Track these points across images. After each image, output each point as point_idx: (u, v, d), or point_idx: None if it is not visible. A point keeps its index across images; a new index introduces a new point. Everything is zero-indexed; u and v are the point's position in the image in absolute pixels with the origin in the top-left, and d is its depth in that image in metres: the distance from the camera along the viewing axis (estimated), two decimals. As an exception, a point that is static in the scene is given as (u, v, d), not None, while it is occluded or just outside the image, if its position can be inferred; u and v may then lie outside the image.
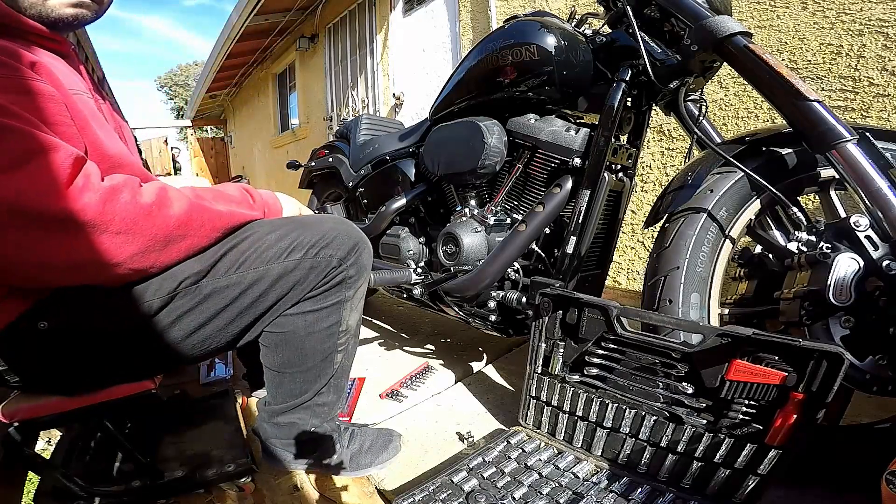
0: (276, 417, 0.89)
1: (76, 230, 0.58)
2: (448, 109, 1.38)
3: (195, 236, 0.70)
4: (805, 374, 0.70)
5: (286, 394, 0.87)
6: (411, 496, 0.79)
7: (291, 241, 0.77)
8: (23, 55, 0.63)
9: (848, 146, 0.78)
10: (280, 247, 0.76)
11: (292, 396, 0.87)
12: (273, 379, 0.87)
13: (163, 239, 0.65)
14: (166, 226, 0.65)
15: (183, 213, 0.67)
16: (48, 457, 1.12)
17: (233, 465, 0.93)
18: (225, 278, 0.74)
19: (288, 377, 0.85)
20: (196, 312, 0.73)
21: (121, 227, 0.61)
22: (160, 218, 0.64)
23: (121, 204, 0.61)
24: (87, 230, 0.58)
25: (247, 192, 0.83)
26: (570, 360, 0.95)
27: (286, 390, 0.87)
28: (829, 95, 1.59)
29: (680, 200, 0.95)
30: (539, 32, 1.12)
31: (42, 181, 0.56)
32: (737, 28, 0.87)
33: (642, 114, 1.15)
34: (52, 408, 0.75)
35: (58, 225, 0.57)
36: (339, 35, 4.58)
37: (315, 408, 0.88)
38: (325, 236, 0.79)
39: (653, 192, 2.07)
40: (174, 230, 0.66)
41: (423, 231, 1.53)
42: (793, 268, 0.88)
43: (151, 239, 0.64)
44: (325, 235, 0.79)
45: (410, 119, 3.62)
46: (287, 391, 0.87)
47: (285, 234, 0.78)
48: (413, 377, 1.37)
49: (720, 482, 0.76)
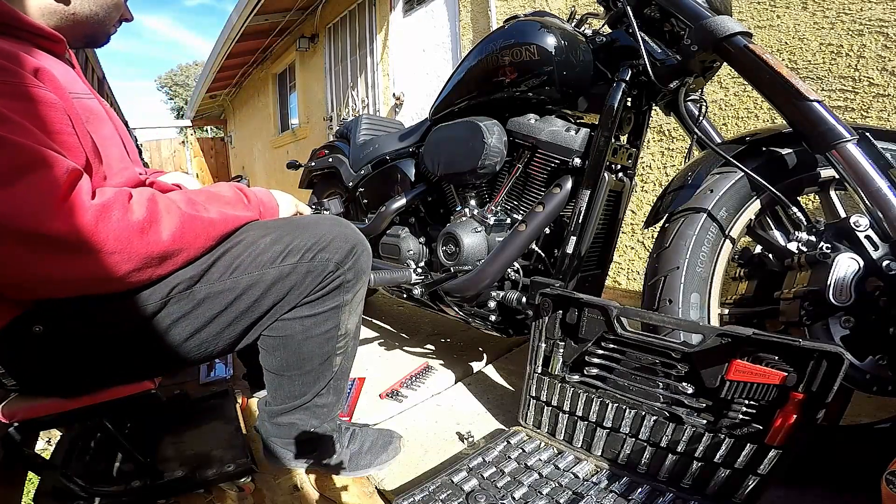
0: (277, 417, 0.89)
1: (70, 250, 0.57)
2: (448, 109, 1.38)
3: (190, 248, 0.69)
4: (805, 374, 0.70)
5: (285, 395, 0.87)
6: (411, 496, 0.79)
7: (286, 244, 0.76)
8: (25, 60, 0.62)
9: (848, 146, 0.78)
10: (275, 251, 0.75)
11: (292, 398, 0.87)
12: (272, 381, 0.87)
13: (157, 256, 0.65)
14: (159, 243, 0.64)
15: (176, 230, 0.66)
16: (48, 457, 1.12)
17: (233, 465, 0.93)
18: (219, 283, 0.73)
19: (287, 379, 0.85)
20: (191, 317, 0.72)
21: (114, 248, 0.60)
22: (153, 235, 0.63)
23: (112, 223, 0.60)
24: (81, 250, 0.58)
25: (241, 192, 0.82)
26: (570, 360, 0.95)
27: (285, 392, 0.87)
28: (828, 95, 1.59)
29: (680, 200, 0.95)
30: (539, 32, 1.12)
31: (35, 199, 0.54)
32: (737, 28, 0.87)
33: (642, 114, 1.15)
34: (52, 408, 0.75)
35: (51, 244, 0.56)
36: (339, 35, 4.58)
37: (315, 409, 0.88)
38: (322, 239, 0.77)
39: (653, 192, 2.07)
40: (169, 247, 0.65)
41: (423, 231, 1.53)
42: (793, 268, 0.88)
43: (146, 257, 0.63)
44: (322, 238, 0.77)
45: (410, 119, 3.62)
46: (286, 393, 0.87)
47: (280, 238, 0.76)
48: (413, 377, 1.37)
49: (720, 482, 0.76)
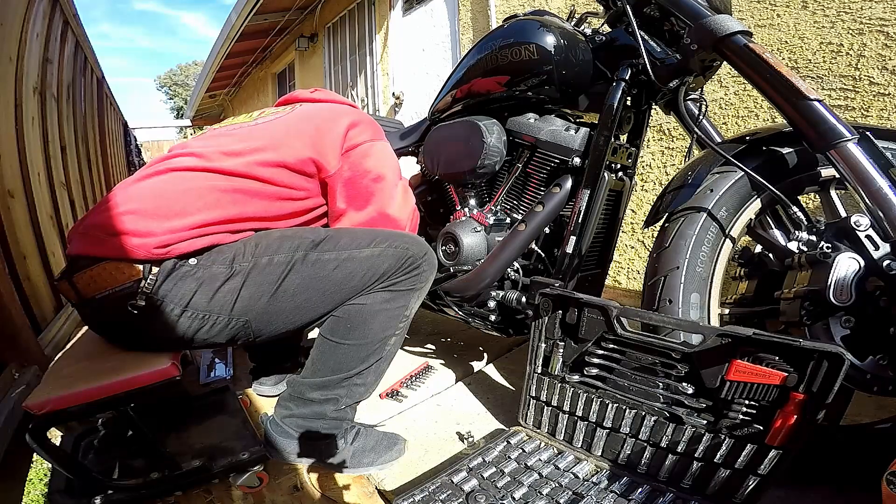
0: (311, 392, 0.93)
1: None
2: (447, 109, 1.38)
3: None
4: (805, 374, 0.70)
5: (334, 366, 0.92)
6: (411, 496, 0.79)
7: (376, 233, 0.94)
8: None
9: (848, 145, 0.78)
10: (368, 236, 0.92)
11: (338, 370, 0.91)
12: (325, 350, 0.92)
13: None
14: None
15: None
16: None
17: (247, 454, 0.94)
18: (327, 254, 0.89)
19: (343, 349, 0.91)
20: (303, 276, 0.87)
21: None
22: None
23: None
24: None
25: None
26: (570, 360, 0.95)
27: (335, 363, 0.91)
28: (829, 94, 1.58)
29: (680, 200, 0.95)
30: (539, 31, 1.11)
31: None
32: (736, 27, 0.87)
33: (642, 113, 1.14)
34: (79, 398, 0.76)
35: None
36: (339, 34, 4.57)
37: (352, 387, 0.93)
38: (402, 234, 0.97)
39: (653, 191, 2.07)
40: None
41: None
42: (793, 267, 0.87)
43: None
44: (401, 236, 0.96)
45: (410, 118, 3.61)
46: (336, 364, 0.91)
47: (369, 229, 0.98)
48: (413, 377, 1.37)
49: (720, 482, 0.76)
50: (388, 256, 0.91)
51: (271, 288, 0.86)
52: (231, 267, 0.85)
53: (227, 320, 0.86)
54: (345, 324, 0.91)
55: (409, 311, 0.96)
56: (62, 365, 0.89)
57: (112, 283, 0.81)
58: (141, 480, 0.86)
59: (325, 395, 0.92)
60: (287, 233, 0.93)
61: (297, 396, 0.95)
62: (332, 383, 0.92)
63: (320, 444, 0.95)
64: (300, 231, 0.94)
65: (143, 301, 0.81)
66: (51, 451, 0.77)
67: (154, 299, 0.81)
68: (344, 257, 0.89)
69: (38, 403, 0.74)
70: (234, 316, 0.86)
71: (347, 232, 0.95)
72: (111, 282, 0.81)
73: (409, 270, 0.93)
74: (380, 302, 0.91)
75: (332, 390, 0.92)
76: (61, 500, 0.83)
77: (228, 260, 0.85)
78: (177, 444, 0.99)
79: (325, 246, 0.90)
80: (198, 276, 0.83)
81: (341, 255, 0.89)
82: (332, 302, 0.90)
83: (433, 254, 0.98)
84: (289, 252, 0.88)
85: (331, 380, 0.92)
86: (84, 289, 0.83)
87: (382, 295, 0.92)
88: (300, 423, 0.94)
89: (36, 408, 0.74)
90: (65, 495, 0.83)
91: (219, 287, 0.84)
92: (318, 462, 0.96)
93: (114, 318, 0.85)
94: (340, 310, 0.91)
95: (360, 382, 0.94)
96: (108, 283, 0.82)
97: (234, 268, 0.85)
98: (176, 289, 0.82)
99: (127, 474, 0.89)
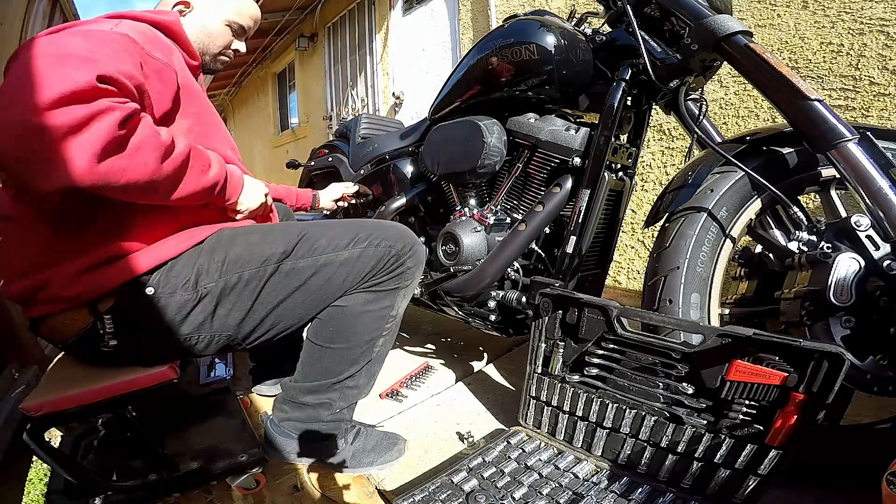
0: (303, 396, 0.91)
1: None
2: (448, 109, 1.38)
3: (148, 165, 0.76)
4: (806, 374, 0.70)
5: (323, 371, 0.90)
6: (411, 496, 0.79)
7: (356, 232, 0.89)
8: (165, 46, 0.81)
9: (849, 145, 0.78)
10: (347, 236, 0.88)
11: (328, 374, 0.90)
12: (313, 354, 0.91)
13: None
14: None
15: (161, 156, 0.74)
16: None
17: (245, 456, 0.94)
18: (302, 260, 0.85)
19: (330, 353, 0.89)
20: (279, 287, 0.84)
21: None
22: None
23: None
24: None
25: (219, 161, 0.85)
26: (570, 360, 0.95)
27: (324, 367, 0.90)
28: (829, 94, 1.58)
29: (680, 200, 0.95)
30: (539, 31, 1.11)
31: None
32: (737, 27, 0.87)
33: (642, 113, 1.14)
34: (76, 400, 0.76)
35: None
36: (339, 34, 4.57)
37: (345, 390, 0.92)
38: (384, 231, 0.90)
39: (653, 191, 2.07)
40: None
41: (422, 231, 1.53)
42: (793, 267, 0.87)
43: None
44: (384, 231, 0.90)
45: (410, 118, 3.61)
46: (324, 368, 0.90)
47: (350, 227, 0.90)
48: (413, 377, 1.37)
49: (720, 482, 0.76)
50: (368, 258, 0.87)
51: (248, 304, 0.83)
52: (196, 291, 0.79)
53: (210, 337, 0.83)
54: (328, 327, 0.89)
55: (395, 310, 0.93)
56: (61, 366, 0.89)
57: (71, 332, 0.78)
58: (140, 482, 0.86)
59: (318, 399, 0.91)
60: (253, 238, 0.85)
61: (290, 400, 0.94)
62: (323, 387, 0.91)
63: (320, 444, 0.94)
64: (269, 234, 0.87)
65: (115, 341, 0.78)
66: (49, 451, 0.77)
67: (122, 337, 0.78)
68: (321, 263, 0.85)
69: (35, 405, 0.74)
70: (215, 333, 0.83)
71: (325, 230, 0.89)
72: (70, 331, 0.78)
73: (393, 269, 0.89)
74: (362, 304, 0.89)
75: (324, 394, 0.91)
76: (60, 501, 0.83)
77: (191, 284, 0.79)
78: (176, 445, 0.99)
79: (299, 251, 0.85)
80: (161, 304, 0.78)
81: (318, 261, 0.85)
82: (315, 307, 0.88)
83: (421, 248, 0.94)
84: (260, 265, 0.83)
85: (322, 384, 0.91)
86: (53, 337, 0.80)
87: (365, 296, 0.89)
88: (297, 426, 0.93)
89: (33, 409, 0.74)
90: (64, 496, 0.83)
91: (189, 312, 0.80)
92: (318, 462, 0.96)
93: (96, 357, 0.82)
94: (324, 313, 0.89)
95: (353, 385, 0.92)
96: (69, 333, 0.78)
97: (200, 291, 0.80)
98: (144, 322, 0.78)
99: (126, 475, 0.89)
